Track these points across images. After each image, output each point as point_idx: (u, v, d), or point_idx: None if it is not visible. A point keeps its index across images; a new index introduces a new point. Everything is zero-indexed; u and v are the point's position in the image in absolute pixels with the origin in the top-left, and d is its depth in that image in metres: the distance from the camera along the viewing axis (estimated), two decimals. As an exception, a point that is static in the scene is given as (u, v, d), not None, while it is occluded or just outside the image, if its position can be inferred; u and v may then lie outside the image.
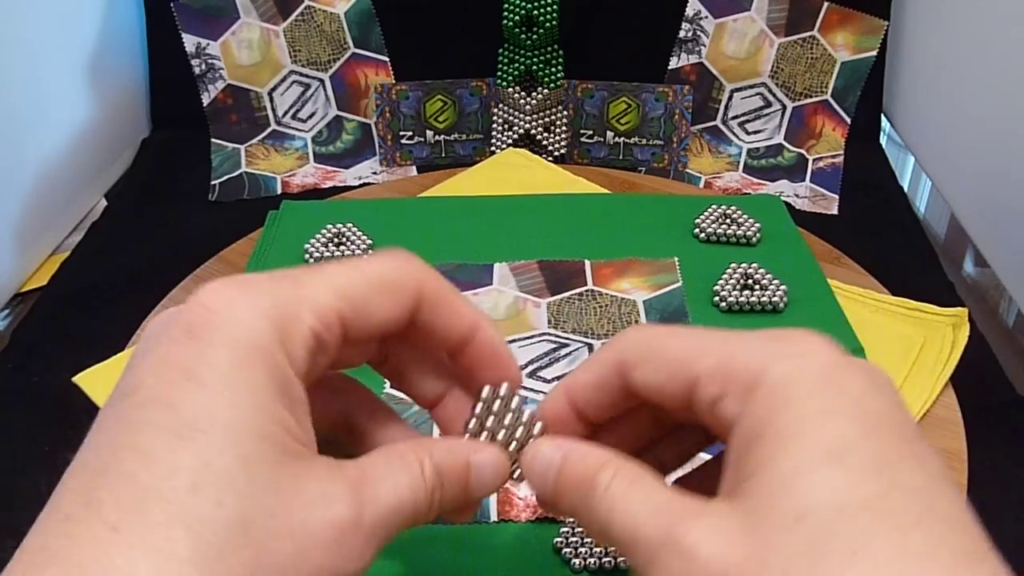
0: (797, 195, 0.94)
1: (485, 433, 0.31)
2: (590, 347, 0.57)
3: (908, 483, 0.23)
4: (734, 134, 1.01)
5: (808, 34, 0.99)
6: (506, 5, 0.92)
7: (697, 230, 0.68)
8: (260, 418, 0.23)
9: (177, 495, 0.21)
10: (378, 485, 0.25)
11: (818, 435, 0.23)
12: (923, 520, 0.22)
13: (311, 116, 1.01)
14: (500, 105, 0.97)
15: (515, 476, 0.31)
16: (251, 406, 0.23)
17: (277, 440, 0.23)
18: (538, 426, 0.31)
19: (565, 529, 0.43)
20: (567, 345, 0.57)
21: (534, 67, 0.95)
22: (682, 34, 0.99)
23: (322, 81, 1.01)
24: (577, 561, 0.42)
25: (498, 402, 0.31)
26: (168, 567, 0.20)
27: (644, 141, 0.99)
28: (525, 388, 0.53)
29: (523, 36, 0.93)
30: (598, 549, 0.43)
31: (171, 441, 0.21)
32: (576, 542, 0.43)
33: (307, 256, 0.65)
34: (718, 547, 0.23)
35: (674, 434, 0.32)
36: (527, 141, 0.97)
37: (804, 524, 0.22)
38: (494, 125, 0.98)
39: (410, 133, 0.99)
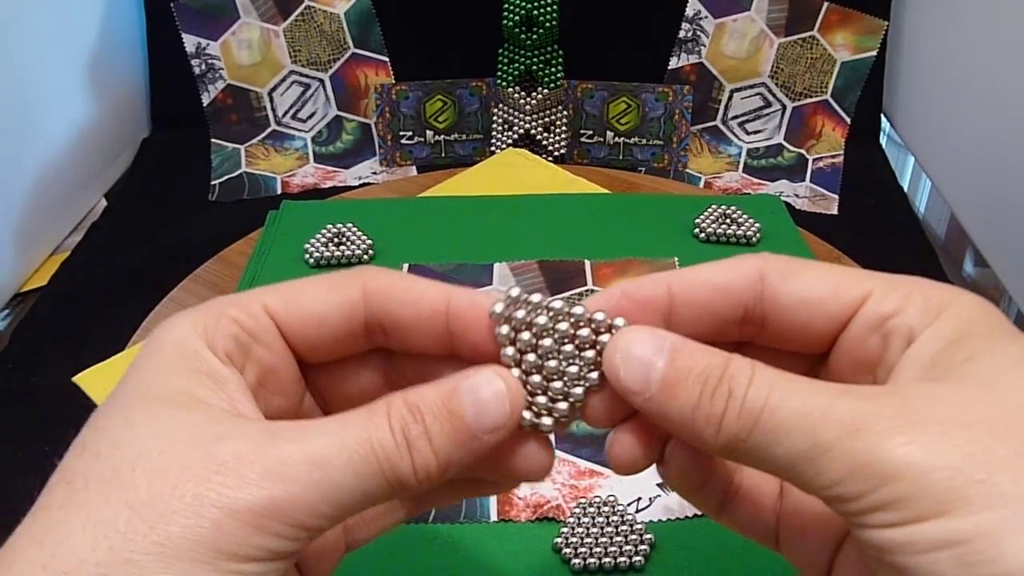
0: (797, 195, 0.94)
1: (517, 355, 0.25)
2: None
3: None
4: (734, 134, 1.01)
5: (808, 34, 0.99)
6: (506, 5, 0.92)
7: (697, 230, 0.68)
8: (153, 387, 0.24)
9: (66, 461, 0.24)
10: (315, 428, 0.24)
11: None
12: None
13: (311, 116, 1.01)
14: (500, 105, 0.97)
15: (564, 411, 0.25)
16: (147, 381, 0.25)
17: (173, 402, 0.24)
18: (619, 321, 0.25)
19: (565, 529, 0.43)
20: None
21: (534, 67, 0.95)
22: (682, 34, 0.99)
23: (322, 81, 1.01)
24: (577, 561, 0.42)
25: (523, 311, 0.25)
26: (42, 516, 0.23)
27: (644, 141, 0.99)
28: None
29: (523, 36, 0.93)
30: (598, 549, 0.43)
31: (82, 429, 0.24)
32: (576, 542, 0.43)
33: (307, 256, 0.65)
34: (957, 405, 0.22)
35: None
36: (527, 141, 0.97)
37: None
38: (494, 125, 0.98)
39: (410, 133, 0.99)
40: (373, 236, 0.66)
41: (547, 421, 0.25)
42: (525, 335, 0.25)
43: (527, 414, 0.25)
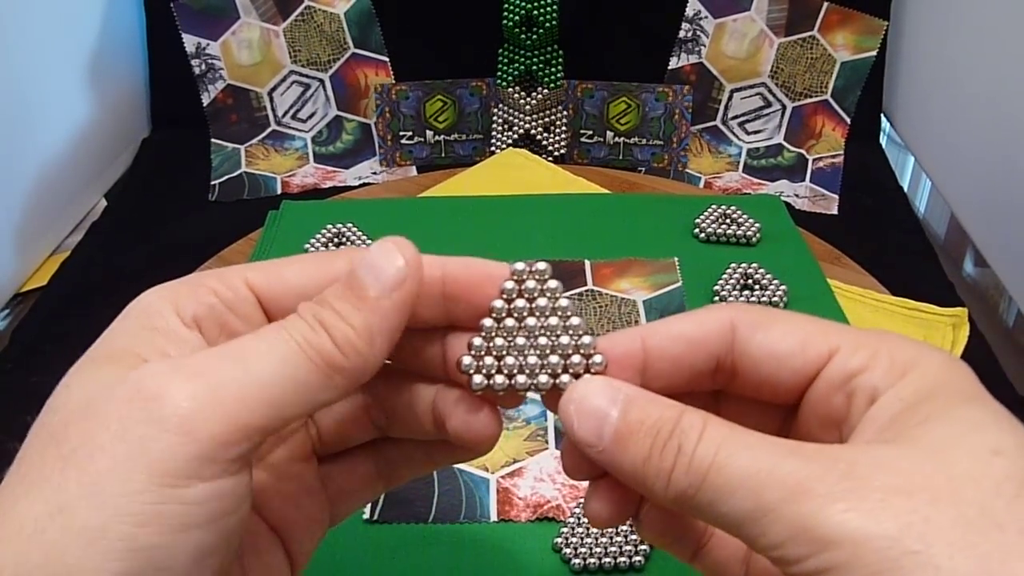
0: (797, 195, 0.94)
1: (503, 348, 0.26)
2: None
3: None
4: (734, 134, 1.01)
5: (808, 34, 0.99)
6: (506, 5, 0.92)
7: (697, 230, 0.68)
8: (108, 349, 0.25)
9: (36, 425, 0.23)
10: (227, 344, 0.24)
11: (991, 403, 0.23)
12: None
13: (311, 116, 1.01)
14: (500, 105, 0.97)
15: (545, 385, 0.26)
16: (107, 344, 0.25)
17: (122, 362, 0.24)
18: (597, 358, 0.26)
19: (565, 529, 0.44)
20: (567, 345, 0.57)
21: (534, 67, 0.95)
22: (682, 34, 0.99)
23: (322, 81, 1.01)
24: (577, 561, 0.42)
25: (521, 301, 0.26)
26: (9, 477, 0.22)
27: (644, 141, 0.99)
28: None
29: (523, 36, 0.93)
30: (598, 549, 0.43)
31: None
32: (576, 542, 0.43)
33: (307, 256, 0.65)
34: (901, 471, 0.22)
35: None
36: (527, 141, 0.97)
37: (1002, 459, 0.22)
38: (494, 125, 0.98)
39: (410, 133, 0.99)
40: (373, 236, 0.66)
41: (500, 380, 0.25)
42: (520, 302, 0.26)
43: (477, 377, 0.25)
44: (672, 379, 0.27)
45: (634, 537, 0.43)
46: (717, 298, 0.61)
